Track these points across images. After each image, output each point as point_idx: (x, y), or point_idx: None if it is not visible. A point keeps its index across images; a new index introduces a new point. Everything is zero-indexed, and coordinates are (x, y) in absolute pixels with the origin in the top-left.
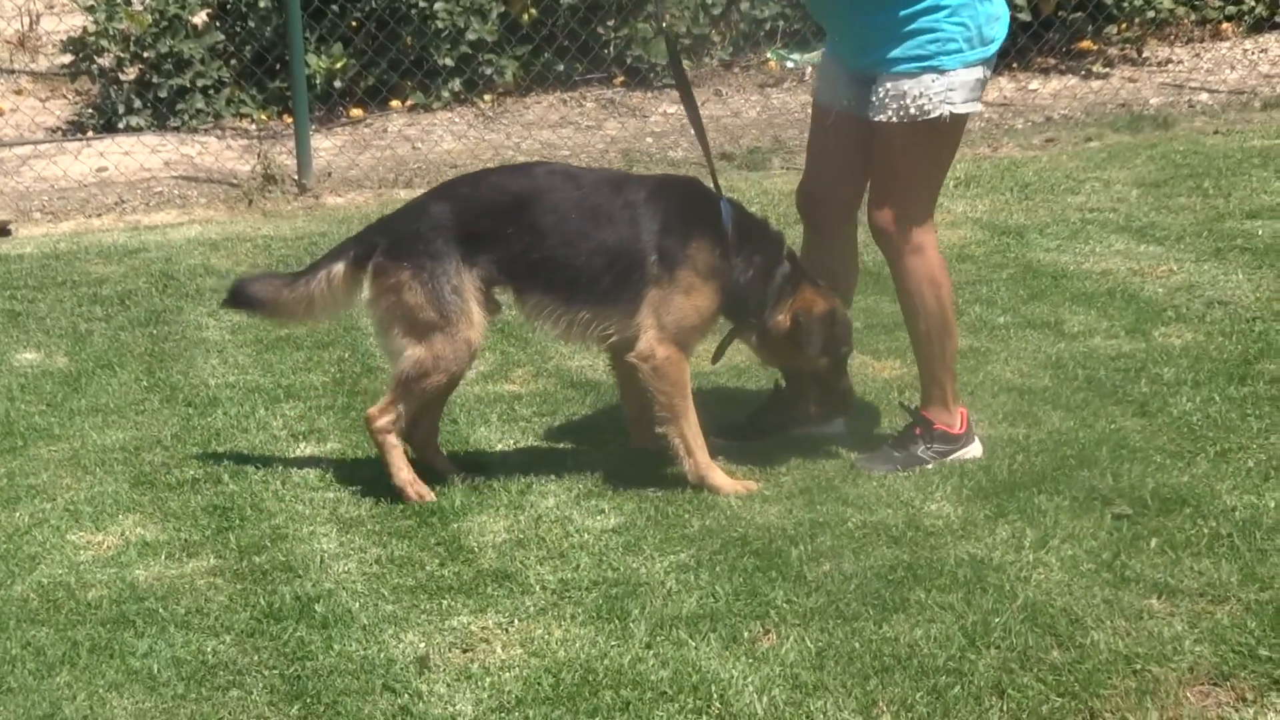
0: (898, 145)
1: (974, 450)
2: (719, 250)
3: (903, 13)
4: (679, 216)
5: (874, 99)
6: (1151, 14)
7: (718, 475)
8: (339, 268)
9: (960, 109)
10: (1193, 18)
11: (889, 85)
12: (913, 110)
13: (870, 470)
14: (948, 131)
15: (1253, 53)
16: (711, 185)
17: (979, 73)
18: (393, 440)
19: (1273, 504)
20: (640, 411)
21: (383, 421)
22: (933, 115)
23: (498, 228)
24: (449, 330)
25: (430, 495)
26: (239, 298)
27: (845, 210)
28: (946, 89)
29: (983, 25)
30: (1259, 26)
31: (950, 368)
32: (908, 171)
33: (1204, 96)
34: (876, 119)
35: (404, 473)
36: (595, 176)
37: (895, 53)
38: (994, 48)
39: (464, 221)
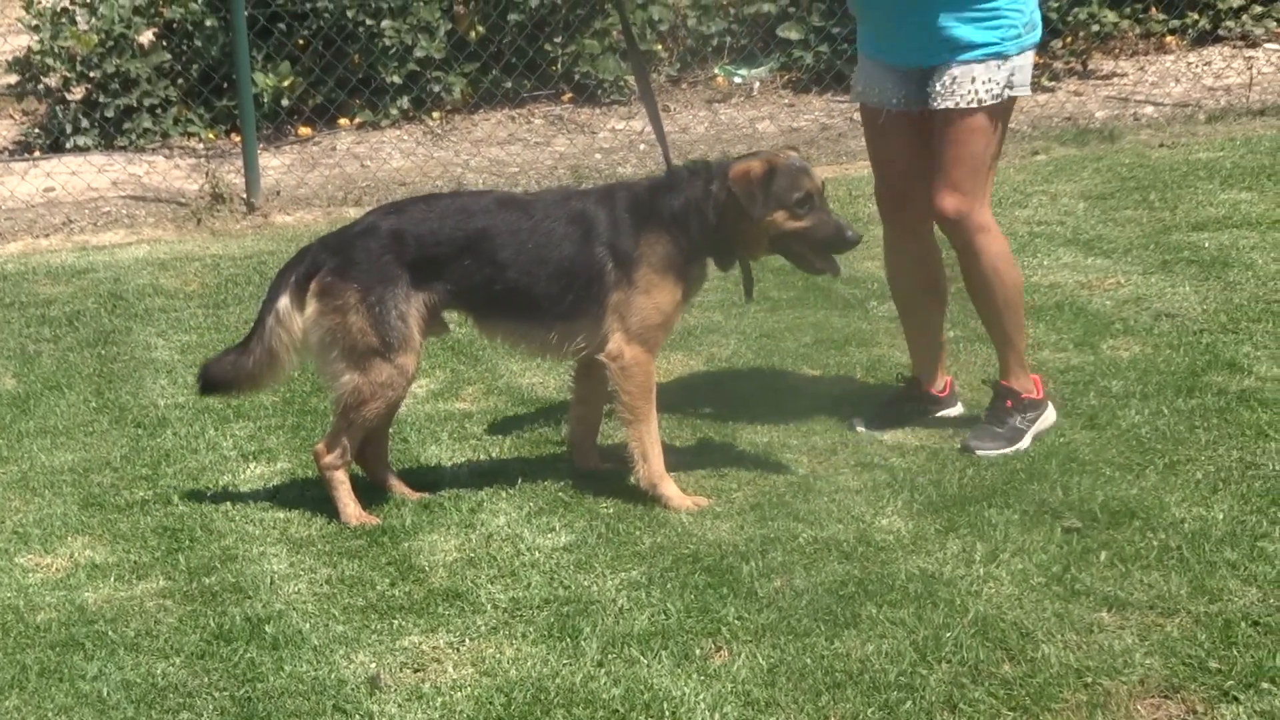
0: (965, 131)
1: (1052, 416)
2: (667, 238)
3: (973, 3)
4: (624, 220)
5: (938, 87)
6: (1096, 28)
7: (669, 486)
8: (284, 303)
9: (1020, 91)
10: (1137, 31)
11: (955, 72)
12: (981, 94)
13: (980, 448)
14: (1007, 114)
15: (1196, 66)
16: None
17: (1031, 56)
18: (340, 476)
19: (1221, 516)
20: (584, 432)
21: (330, 457)
22: (1003, 99)
23: (454, 257)
24: (389, 357)
25: (377, 522)
26: (207, 385)
27: (926, 206)
28: (1009, 73)
29: (1034, 11)
30: (1202, 40)
31: (1023, 336)
32: (972, 155)
33: (1149, 110)
34: (943, 106)
35: (350, 508)
36: (543, 202)
37: (960, 41)
38: (1040, 33)
39: (417, 245)
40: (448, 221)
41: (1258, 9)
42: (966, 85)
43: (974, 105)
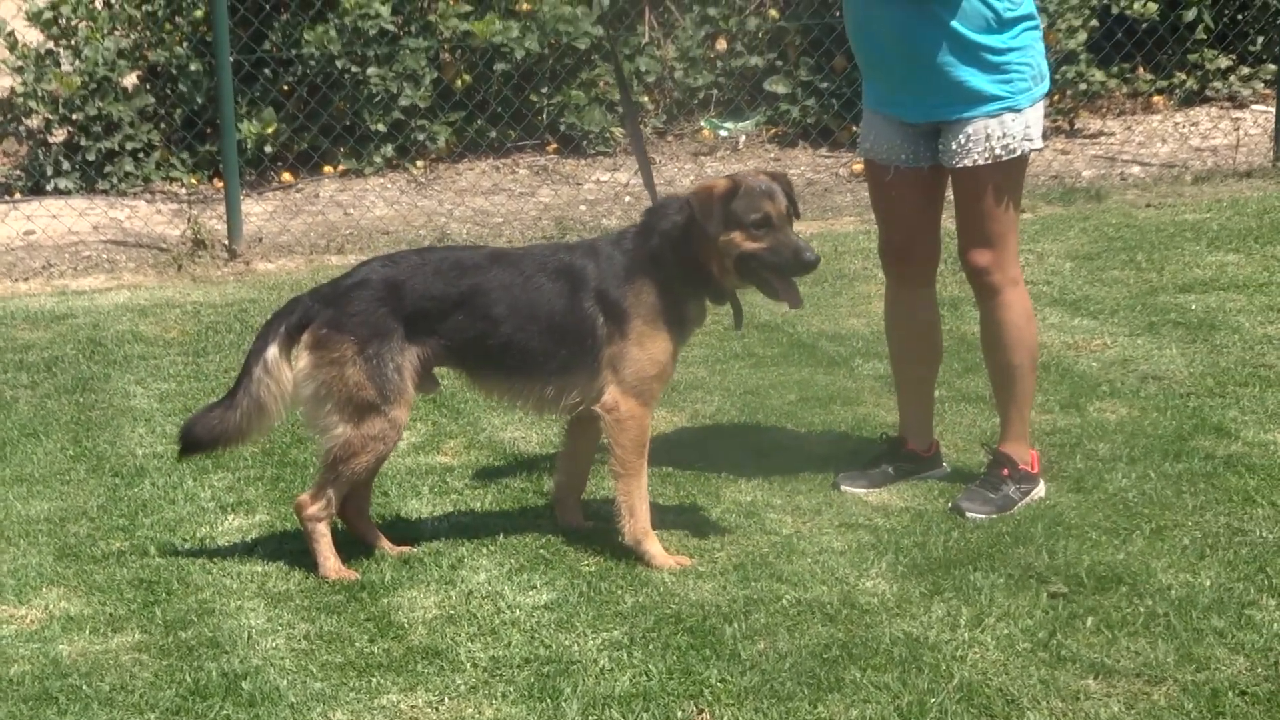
0: (986, 186)
1: (1042, 490)
2: (652, 285)
3: (985, 57)
4: (609, 272)
5: (953, 146)
6: (1084, 86)
7: (653, 544)
8: (272, 353)
9: (1035, 145)
10: (1124, 91)
11: (969, 130)
12: (998, 150)
13: (969, 510)
14: (1023, 167)
15: (1184, 126)
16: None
17: (1042, 108)
18: (322, 529)
19: (1208, 582)
20: (570, 487)
21: (314, 509)
22: (1019, 153)
23: (447, 312)
24: (384, 410)
25: (356, 577)
26: (190, 447)
27: (931, 261)
28: (1025, 126)
29: (1041, 62)
30: (1190, 100)
31: (1030, 403)
32: (998, 210)
33: (1136, 169)
34: (961, 165)
35: (330, 561)
36: (533, 257)
37: (972, 96)
38: (1048, 84)
39: (412, 299)
40: (441, 276)
41: (1245, 70)
42: (982, 142)
43: (989, 161)
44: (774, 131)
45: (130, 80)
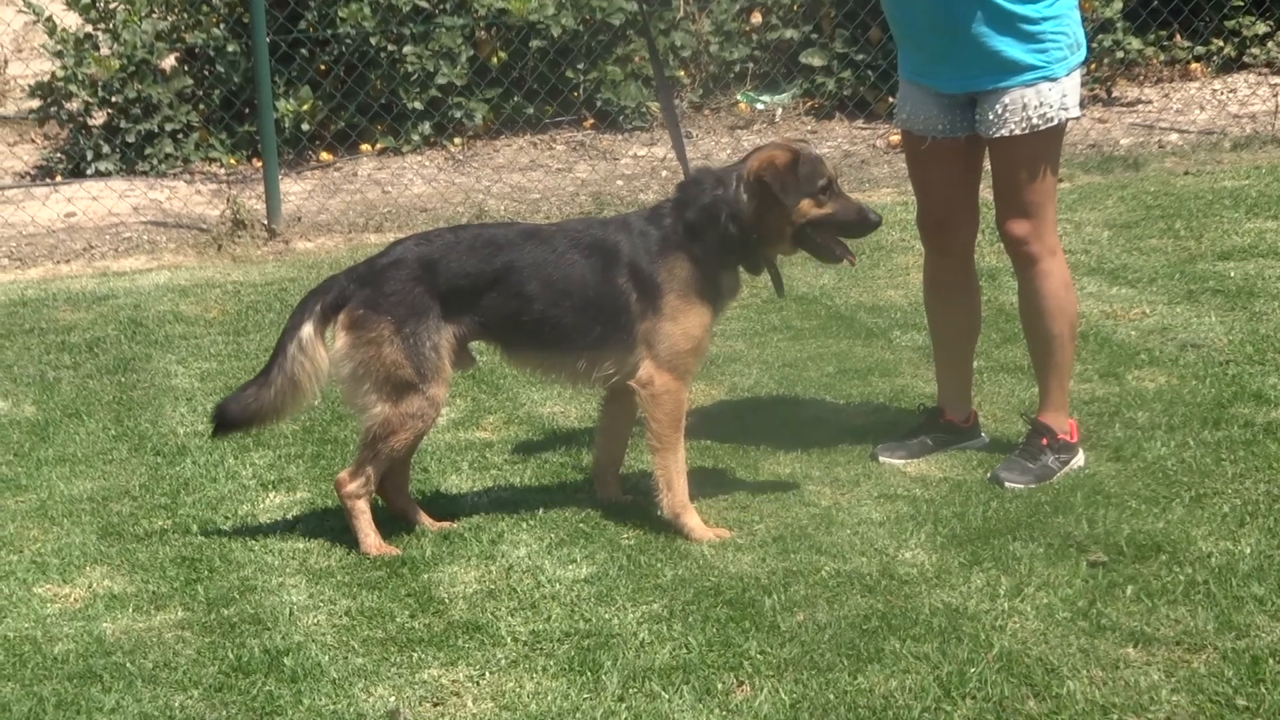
0: (1023, 156)
1: (1081, 460)
2: (686, 259)
3: (1021, 26)
4: (642, 247)
5: (990, 116)
6: (1121, 54)
7: (692, 517)
8: (307, 331)
9: (1072, 113)
10: (1162, 58)
11: (1007, 99)
12: (1035, 120)
13: (1008, 480)
14: (1060, 135)
15: (1221, 93)
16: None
17: (1079, 76)
18: (361, 506)
19: (1248, 550)
20: (607, 462)
21: (353, 486)
22: (1055, 122)
23: (481, 289)
24: (422, 388)
25: (396, 553)
26: (224, 426)
27: (969, 231)
28: (1062, 95)
29: (1078, 30)
30: (1227, 67)
31: (1070, 373)
32: (1036, 179)
33: (1174, 137)
34: (998, 134)
35: (370, 538)
36: (566, 233)
37: (1009, 66)
38: (1085, 52)
39: (446, 276)
40: (475, 253)
41: None
42: (1019, 112)
43: (1027, 131)
44: (810, 104)
45: (168, 62)
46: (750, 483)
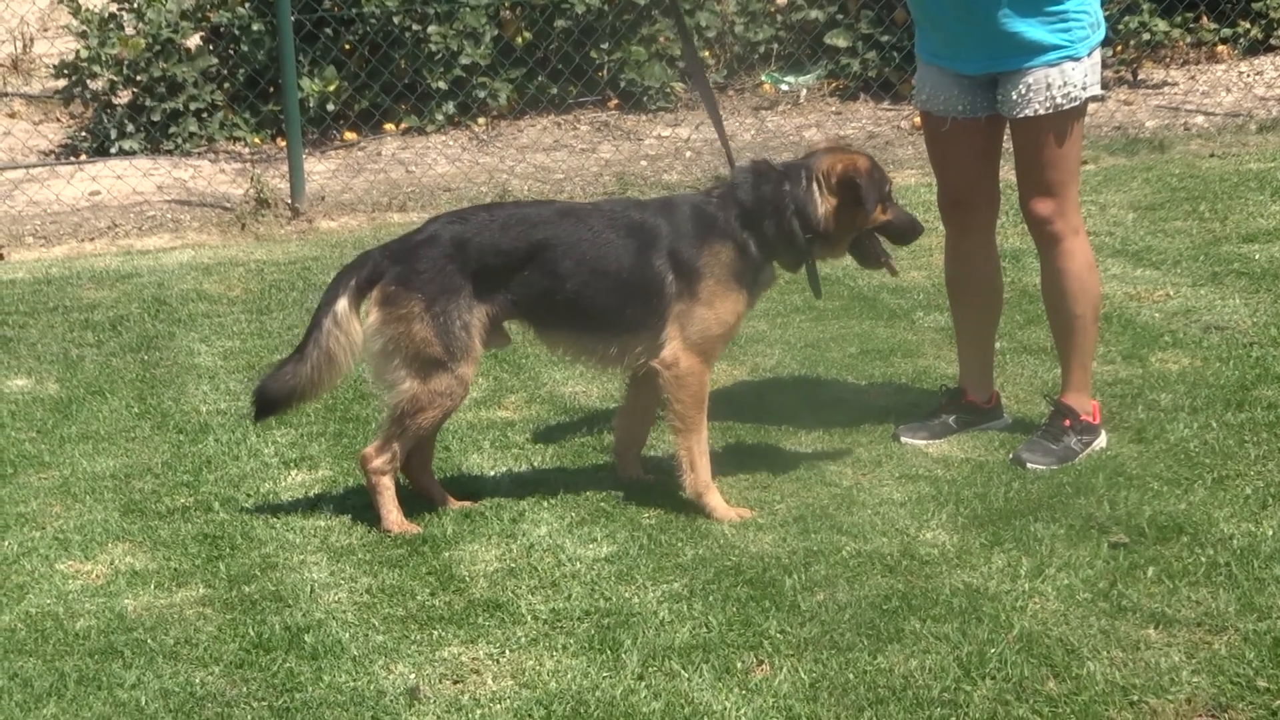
0: (1047, 136)
1: (1103, 441)
2: (732, 247)
3: (1044, 7)
4: (686, 231)
5: (1014, 96)
6: (1147, 36)
7: (715, 497)
8: (341, 305)
9: (1094, 91)
10: (1188, 40)
11: (1030, 79)
12: (1059, 99)
13: (1030, 461)
14: (1083, 113)
15: (1248, 75)
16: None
17: (1099, 54)
18: (386, 482)
19: (1270, 532)
20: (630, 441)
21: (378, 462)
22: (1079, 101)
23: (514, 268)
24: (451, 367)
25: (418, 530)
26: (265, 407)
27: (990, 211)
28: (1084, 74)
29: (1098, 9)
30: (1254, 49)
31: (1093, 353)
32: (1059, 158)
33: (1200, 119)
34: (1023, 115)
35: (393, 515)
36: (603, 213)
37: (1032, 46)
38: (1104, 30)
39: (479, 255)
40: (510, 232)
41: None
42: (1043, 92)
43: (1050, 111)
44: (835, 85)
45: (193, 41)
46: (772, 463)
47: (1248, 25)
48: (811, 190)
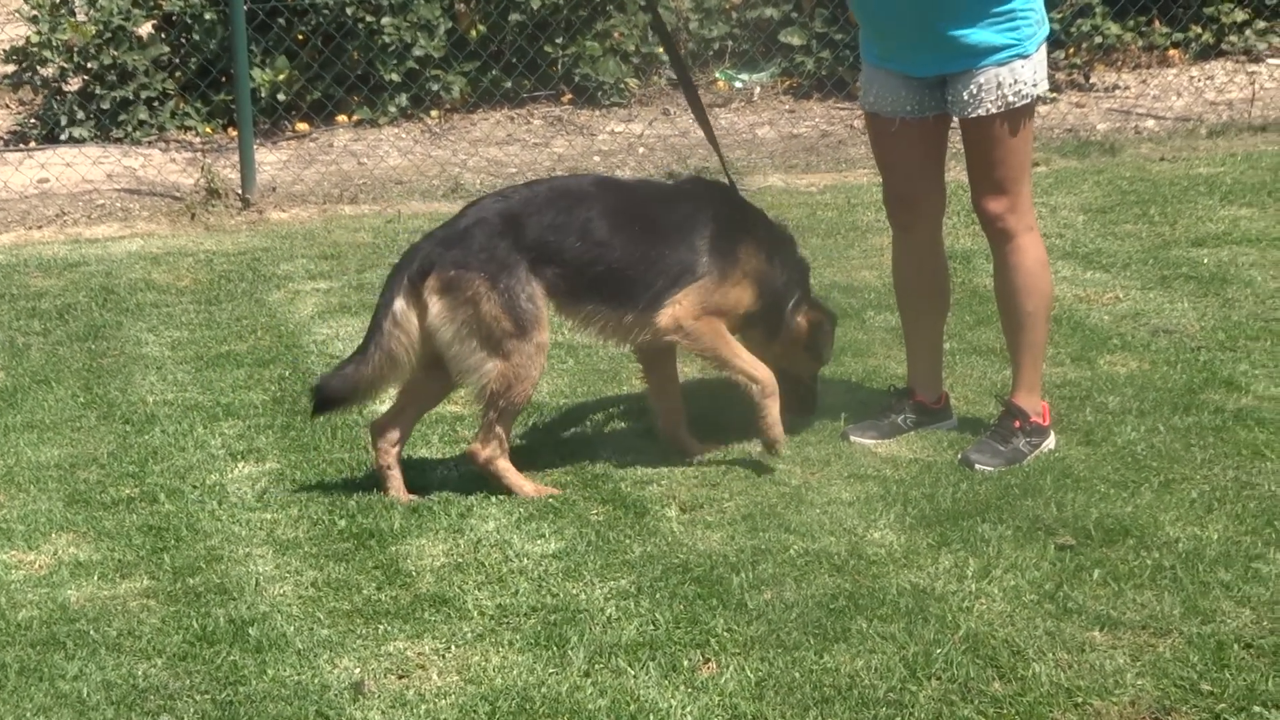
0: (999, 134)
1: (1052, 443)
2: (764, 255)
3: (992, 8)
4: (727, 224)
5: (964, 96)
6: (1099, 40)
7: (777, 407)
8: (399, 305)
9: (1042, 88)
10: (1140, 44)
11: (981, 79)
12: (1010, 98)
13: (979, 462)
14: (1033, 111)
15: (1199, 80)
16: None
17: (1045, 50)
18: (503, 465)
19: (1215, 536)
20: (673, 422)
21: (487, 452)
22: (1030, 99)
23: (561, 240)
24: (525, 339)
25: (557, 492)
26: (324, 403)
27: (936, 209)
28: (1034, 70)
29: (1041, 7)
30: (1205, 54)
31: (1044, 354)
32: (1010, 156)
33: (1150, 123)
34: (975, 115)
35: (526, 486)
36: (646, 188)
37: (981, 47)
38: (1048, 26)
39: (527, 230)
40: (554, 205)
41: (1261, 24)
42: (994, 91)
43: (1003, 109)
44: (789, 83)
45: (145, 29)
46: (721, 460)
47: (1199, 30)
48: (800, 299)
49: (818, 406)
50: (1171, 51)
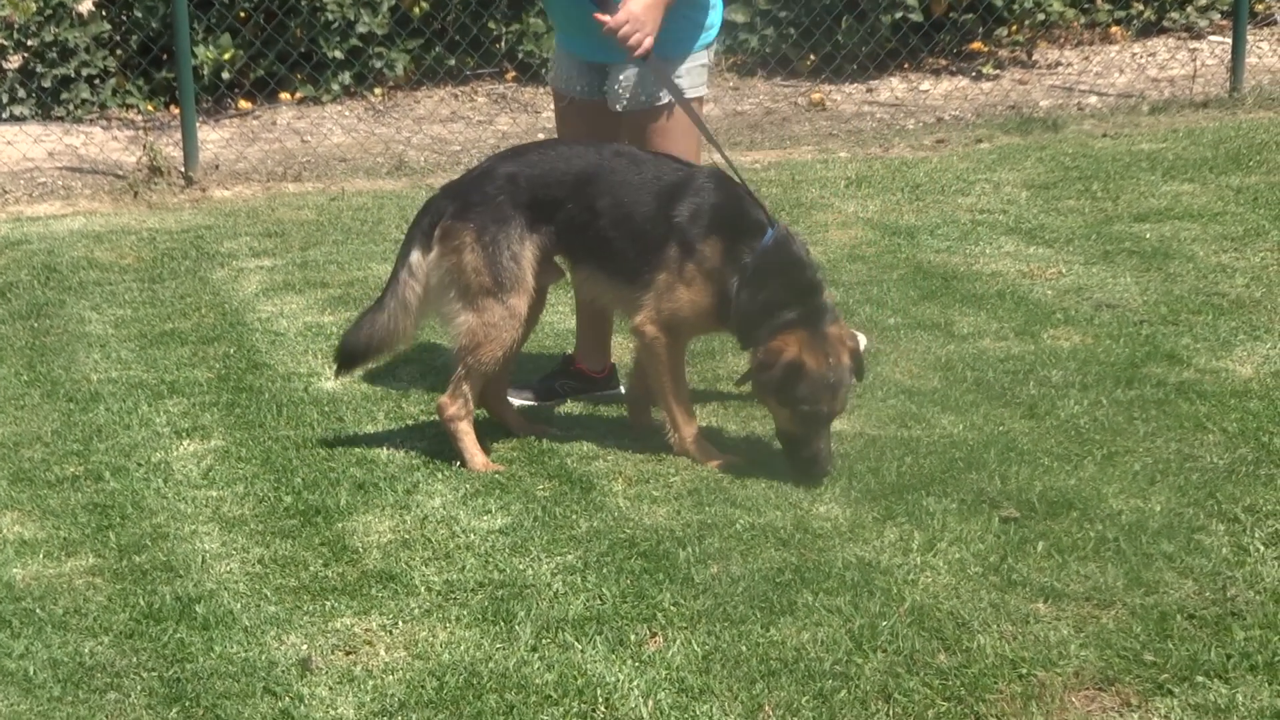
0: (647, 131)
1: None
2: (727, 253)
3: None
4: (706, 213)
5: (616, 88)
6: (1042, 17)
7: (702, 447)
8: (415, 255)
9: (694, 93)
10: (1082, 21)
11: (625, 75)
12: (643, 98)
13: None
14: (689, 112)
15: (1141, 56)
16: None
17: (705, 56)
18: (464, 427)
19: (1158, 508)
20: (641, 393)
21: (453, 409)
22: (666, 101)
23: (563, 200)
24: (500, 297)
25: (502, 469)
26: (346, 360)
27: None
28: (679, 76)
29: (710, 12)
30: (1147, 31)
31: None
32: (667, 151)
33: (1093, 99)
34: (618, 108)
35: (477, 458)
36: (658, 166)
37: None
38: (715, 32)
39: (532, 188)
40: (560, 165)
41: (1202, 2)
42: (632, 88)
43: (641, 108)
44: (733, 60)
45: (86, 6)
46: (665, 436)
47: (1141, 7)
48: (774, 331)
49: (810, 475)
50: (1114, 28)
